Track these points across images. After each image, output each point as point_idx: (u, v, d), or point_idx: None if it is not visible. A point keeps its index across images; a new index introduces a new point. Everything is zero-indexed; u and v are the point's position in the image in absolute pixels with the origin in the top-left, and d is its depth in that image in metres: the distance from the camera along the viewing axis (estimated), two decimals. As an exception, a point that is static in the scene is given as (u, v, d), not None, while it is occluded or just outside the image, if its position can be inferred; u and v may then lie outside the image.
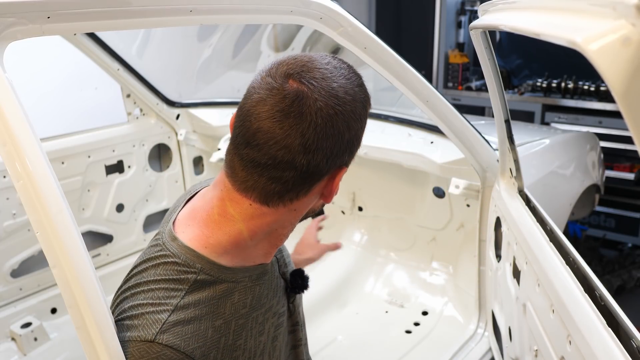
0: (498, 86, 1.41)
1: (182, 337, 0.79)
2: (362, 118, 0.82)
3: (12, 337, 2.19)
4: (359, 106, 0.80)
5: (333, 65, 0.80)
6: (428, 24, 4.20)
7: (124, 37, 2.44)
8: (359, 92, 0.81)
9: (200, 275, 0.82)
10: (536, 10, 0.79)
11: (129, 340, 0.78)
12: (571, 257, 1.16)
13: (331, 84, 0.77)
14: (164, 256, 0.84)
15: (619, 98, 0.44)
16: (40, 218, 0.74)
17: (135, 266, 0.88)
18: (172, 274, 0.82)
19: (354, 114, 0.79)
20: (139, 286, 0.83)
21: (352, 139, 0.80)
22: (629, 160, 3.46)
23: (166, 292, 0.81)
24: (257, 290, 0.89)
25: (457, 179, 1.96)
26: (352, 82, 0.80)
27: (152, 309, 0.80)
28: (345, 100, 0.77)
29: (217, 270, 0.84)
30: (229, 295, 0.85)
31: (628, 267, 3.27)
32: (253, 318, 0.89)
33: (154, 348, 0.77)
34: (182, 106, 2.77)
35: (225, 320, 0.84)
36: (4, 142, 0.74)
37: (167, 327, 0.78)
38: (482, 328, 2.03)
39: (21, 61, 2.35)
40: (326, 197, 0.85)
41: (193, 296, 0.81)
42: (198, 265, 0.82)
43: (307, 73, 0.77)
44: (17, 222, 2.20)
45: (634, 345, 0.87)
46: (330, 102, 0.76)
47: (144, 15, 0.94)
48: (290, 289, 1.00)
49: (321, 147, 0.76)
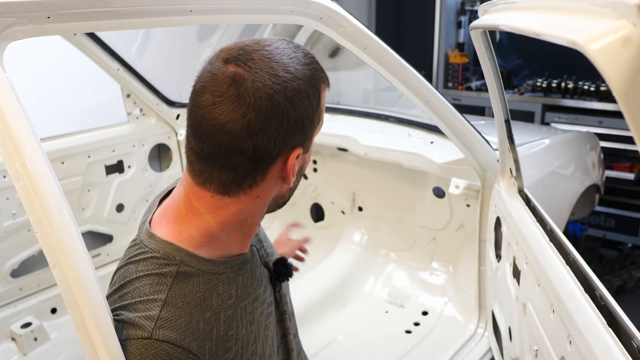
0: (498, 86, 1.41)
1: (177, 330, 0.79)
2: (311, 97, 0.79)
3: (12, 337, 2.19)
4: (303, 84, 0.77)
5: (276, 46, 0.78)
6: (428, 24, 4.20)
7: (124, 37, 2.44)
8: (303, 70, 0.78)
9: (182, 267, 0.82)
10: (536, 10, 0.79)
11: (126, 339, 0.78)
12: (571, 257, 1.16)
13: (270, 64, 0.75)
14: (143, 252, 0.84)
15: (619, 98, 0.44)
16: (40, 218, 0.74)
17: (116, 270, 0.88)
18: (154, 268, 0.82)
19: (299, 92, 0.76)
20: (124, 287, 0.83)
21: (300, 118, 0.77)
22: (629, 160, 3.46)
23: (151, 287, 0.81)
24: (240, 280, 0.89)
25: (457, 179, 1.96)
26: (296, 60, 0.78)
27: (142, 307, 0.79)
28: (285, 79, 0.75)
29: (197, 262, 0.83)
30: (214, 287, 0.85)
31: (628, 267, 3.27)
32: (242, 308, 0.89)
33: (152, 344, 0.77)
34: (182, 106, 2.76)
35: (214, 312, 0.84)
36: (4, 142, 0.74)
37: (161, 323, 0.78)
38: (482, 328, 2.03)
39: (21, 61, 2.35)
40: (285, 180, 0.83)
41: (178, 289, 0.81)
42: (178, 257, 0.82)
43: (244, 55, 0.75)
44: (17, 222, 2.20)
45: (634, 345, 0.87)
46: (268, 82, 0.73)
47: (144, 15, 0.94)
48: (275, 277, 1.00)
49: (265, 129, 0.74)
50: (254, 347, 0.91)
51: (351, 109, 2.57)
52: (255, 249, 0.98)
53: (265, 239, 1.06)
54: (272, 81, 0.74)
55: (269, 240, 1.08)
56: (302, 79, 0.77)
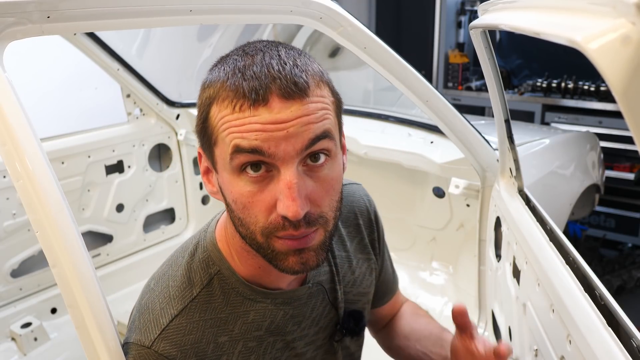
0: (498, 86, 1.41)
1: (180, 347, 0.76)
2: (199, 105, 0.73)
3: (12, 337, 2.19)
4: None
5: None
6: (428, 24, 4.20)
7: (124, 37, 2.44)
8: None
9: (216, 280, 0.78)
10: (536, 10, 0.79)
11: (131, 342, 0.78)
12: (571, 257, 1.16)
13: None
14: (197, 242, 0.82)
15: (619, 97, 0.44)
16: (40, 218, 0.74)
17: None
18: (190, 269, 0.80)
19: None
20: (159, 280, 0.82)
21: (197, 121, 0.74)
22: (629, 160, 3.46)
23: (178, 290, 0.78)
24: (279, 315, 0.82)
25: (457, 179, 1.96)
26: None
27: (159, 309, 0.78)
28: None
29: (235, 281, 0.79)
30: (244, 313, 0.80)
31: (628, 267, 3.27)
32: (269, 344, 0.83)
33: (150, 355, 0.76)
34: (182, 106, 2.76)
35: (232, 339, 0.79)
36: (4, 142, 0.74)
37: (166, 334, 0.76)
38: (482, 328, 2.03)
39: (21, 61, 2.35)
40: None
41: (202, 302, 0.78)
42: (216, 267, 0.79)
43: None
44: (17, 222, 2.20)
45: (634, 345, 0.86)
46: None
47: (144, 15, 0.94)
48: (340, 326, 0.92)
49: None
50: None
51: (351, 108, 2.57)
52: (325, 289, 0.89)
53: (354, 283, 0.97)
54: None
55: (363, 284, 0.98)
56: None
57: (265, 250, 0.71)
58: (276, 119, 0.64)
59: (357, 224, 1.00)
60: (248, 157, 0.66)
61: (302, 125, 0.66)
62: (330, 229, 0.73)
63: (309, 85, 0.67)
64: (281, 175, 0.66)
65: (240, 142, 0.65)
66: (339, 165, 0.74)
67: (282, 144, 0.65)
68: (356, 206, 1.00)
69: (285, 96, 0.65)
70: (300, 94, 0.66)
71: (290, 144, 0.65)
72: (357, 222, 1.00)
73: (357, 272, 0.98)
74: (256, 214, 0.68)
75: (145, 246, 2.74)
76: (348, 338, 0.95)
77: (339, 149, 0.74)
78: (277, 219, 0.67)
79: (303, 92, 0.66)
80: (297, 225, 0.67)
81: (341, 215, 0.90)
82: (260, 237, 0.70)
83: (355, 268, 0.98)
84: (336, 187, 0.72)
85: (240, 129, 0.65)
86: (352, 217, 0.99)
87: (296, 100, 0.66)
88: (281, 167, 0.66)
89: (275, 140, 0.65)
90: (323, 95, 0.70)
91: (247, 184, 0.68)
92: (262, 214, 0.68)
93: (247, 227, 0.70)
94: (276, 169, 0.67)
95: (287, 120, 0.65)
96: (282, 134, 0.65)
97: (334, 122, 0.71)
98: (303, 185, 0.67)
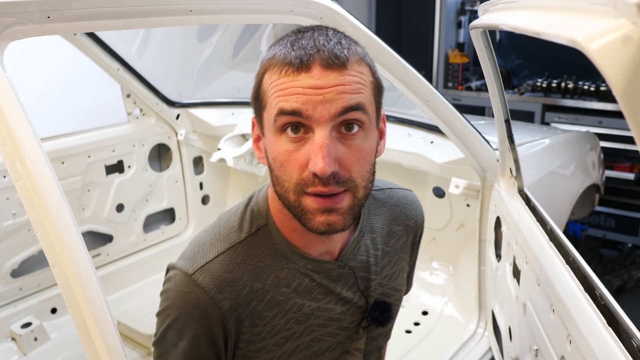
0: (498, 86, 1.41)
1: (218, 282, 0.82)
2: (257, 76, 0.82)
3: (12, 337, 2.19)
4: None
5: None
6: (428, 24, 4.20)
7: (124, 37, 2.44)
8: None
9: (263, 232, 0.86)
10: (536, 10, 0.79)
11: (177, 267, 0.84)
12: (571, 256, 1.16)
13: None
14: (259, 193, 0.91)
15: (619, 97, 0.44)
16: (40, 218, 0.74)
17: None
18: (243, 217, 0.88)
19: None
20: (217, 221, 0.90)
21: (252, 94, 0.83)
22: (629, 160, 3.46)
23: (227, 232, 0.86)
24: (307, 281, 0.88)
25: (457, 179, 1.96)
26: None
27: (208, 244, 0.85)
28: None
29: (279, 238, 0.86)
30: (278, 268, 0.87)
31: (628, 267, 3.27)
32: (295, 303, 0.88)
33: (189, 283, 0.81)
34: (182, 106, 2.76)
35: (264, 288, 0.86)
36: (4, 142, 0.74)
37: (209, 267, 0.82)
38: (482, 328, 2.03)
39: (21, 61, 2.35)
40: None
41: (248, 246, 0.85)
42: (264, 222, 0.86)
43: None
44: (17, 222, 2.20)
45: (634, 345, 0.87)
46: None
47: (144, 15, 0.94)
48: (367, 313, 0.96)
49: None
50: (285, 342, 0.89)
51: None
52: (355, 275, 0.93)
53: (391, 277, 1.01)
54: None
55: (398, 280, 1.03)
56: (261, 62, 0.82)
57: (296, 209, 0.78)
58: (315, 84, 0.73)
59: (407, 225, 1.07)
60: (289, 118, 0.74)
61: (337, 93, 0.73)
62: (360, 196, 0.79)
63: (349, 59, 0.75)
64: (315, 136, 0.74)
65: (284, 105, 0.74)
66: (371, 140, 0.81)
67: (319, 107, 0.73)
68: (410, 209, 1.09)
69: (326, 66, 0.73)
70: (339, 66, 0.74)
71: (326, 109, 0.73)
72: (407, 224, 1.07)
73: (396, 268, 1.04)
74: (290, 171, 0.76)
75: (145, 246, 2.74)
76: (374, 327, 0.99)
77: (374, 125, 0.81)
78: (308, 176, 0.75)
79: (342, 64, 0.74)
80: (325, 183, 0.74)
81: (393, 213, 1.04)
82: (292, 195, 0.77)
83: (396, 263, 1.04)
84: (367, 157, 0.79)
85: (285, 92, 0.74)
86: (403, 217, 1.07)
87: (335, 70, 0.74)
88: (316, 129, 0.74)
89: (313, 103, 0.73)
90: (362, 72, 0.78)
91: (286, 143, 0.76)
92: (295, 171, 0.76)
93: (282, 184, 0.78)
94: (312, 131, 0.74)
95: (325, 86, 0.73)
96: (319, 98, 0.73)
97: (369, 100, 0.78)
98: (334, 148, 0.74)
